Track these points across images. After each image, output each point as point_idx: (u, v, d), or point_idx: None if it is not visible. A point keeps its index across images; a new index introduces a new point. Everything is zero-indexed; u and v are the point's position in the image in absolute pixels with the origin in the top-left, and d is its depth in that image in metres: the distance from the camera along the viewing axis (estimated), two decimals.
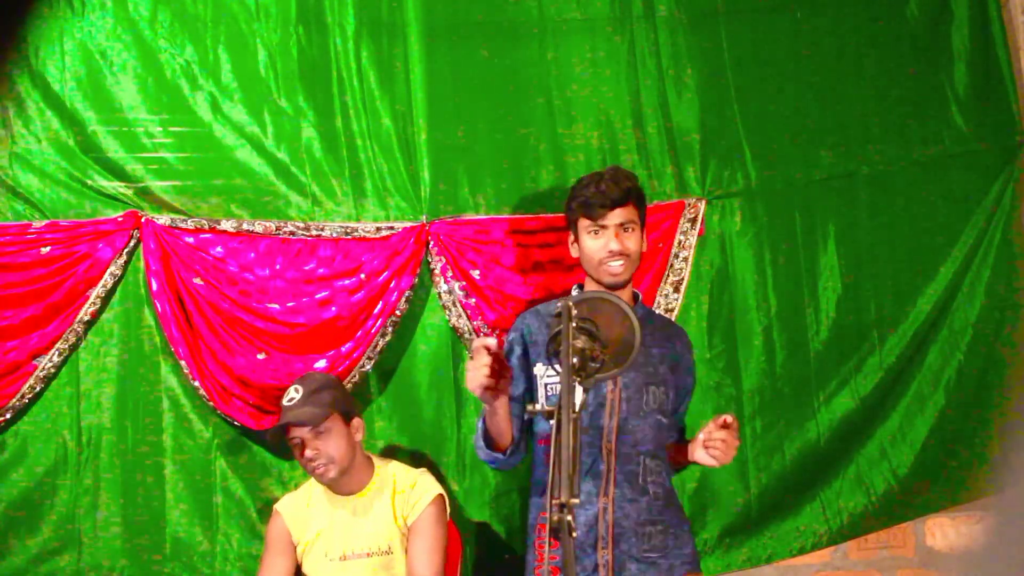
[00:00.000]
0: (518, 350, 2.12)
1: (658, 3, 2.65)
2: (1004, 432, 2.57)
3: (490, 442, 1.99)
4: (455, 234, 2.48)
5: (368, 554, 2.15)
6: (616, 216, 2.03)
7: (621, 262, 2.03)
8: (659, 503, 2.03)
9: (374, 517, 2.17)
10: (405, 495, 2.18)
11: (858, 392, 2.62)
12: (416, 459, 2.45)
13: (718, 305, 2.60)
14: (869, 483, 2.61)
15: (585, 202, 2.04)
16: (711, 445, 1.93)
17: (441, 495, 2.19)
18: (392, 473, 2.23)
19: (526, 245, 2.48)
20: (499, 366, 1.72)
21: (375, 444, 2.45)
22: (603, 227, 2.03)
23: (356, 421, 2.19)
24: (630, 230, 2.05)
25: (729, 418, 1.92)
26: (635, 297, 2.14)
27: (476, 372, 1.70)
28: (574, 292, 2.13)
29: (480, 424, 2.01)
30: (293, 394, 2.14)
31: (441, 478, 2.40)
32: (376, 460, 2.24)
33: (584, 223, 2.07)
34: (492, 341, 1.71)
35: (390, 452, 2.45)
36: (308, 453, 2.10)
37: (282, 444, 2.45)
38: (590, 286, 2.10)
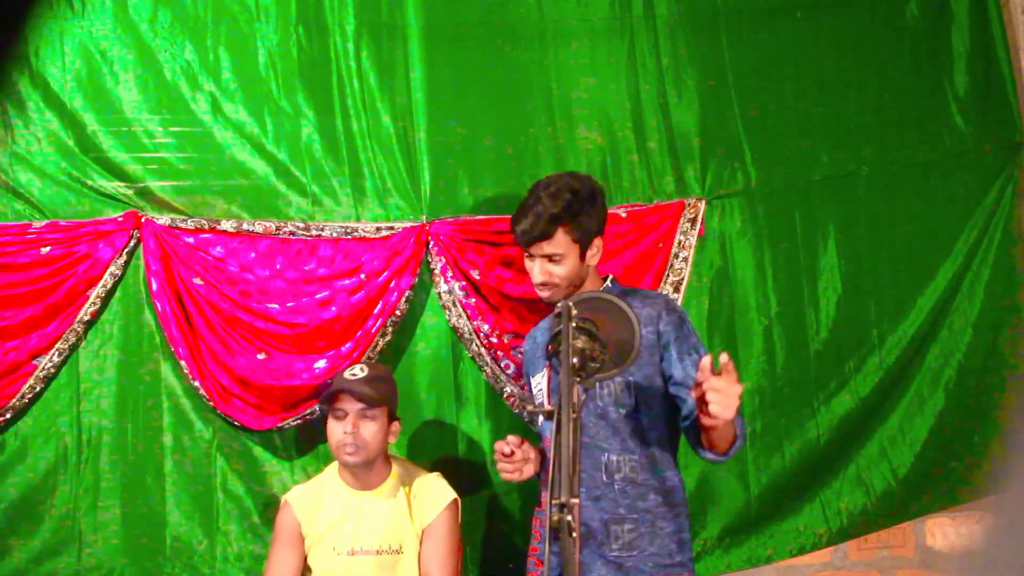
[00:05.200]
0: (524, 371, 2.21)
1: (658, 4, 2.65)
2: (1004, 432, 2.58)
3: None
4: (455, 234, 2.48)
5: (378, 551, 2.15)
6: (539, 249, 2.01)
7: (547, 292, 2.04)
8: (628, 501, 1.93)
9: (387, 516, 2.17)
10: (421, 498, 2.20)
11: (858, 392, 2.62)
12: (416, 459, 2.45)
13: (718, 305, 2.60)
14: (869, 483, 2.61)
15: (515, 233, 2.06)
16: (708, 400, 1.62)
17: (456, 500, 2.21)
18: (408, 474, 2.24)
19: None
20: (519, 459, 1.90)
21: None
22: (531, 257, 2.05)
23: (396, 424, 2.22)
24: (557, 260, 2.01)
25: (724, 358, 1.60)
26: (605, 280, 2.11)
27: (502, 466, 1.92)
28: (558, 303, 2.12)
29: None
30: (357, 371, 2.19)
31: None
32: (393, 460, 2.26)
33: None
34: (507, 448, 1.88)
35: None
36: (348, 428, 2.12)
37: (282, 439, 2.45)
38: None
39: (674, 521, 1.96)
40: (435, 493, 2.20)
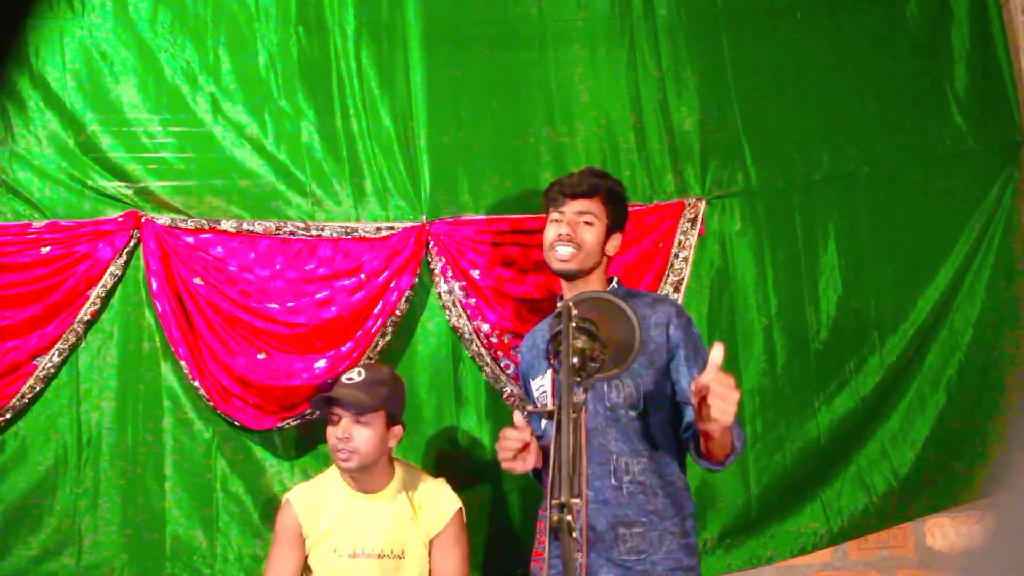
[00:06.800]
0: (522, 373, 2.18)
1: (658, 4, 2.66)
2: (1004, 432, 2.57)
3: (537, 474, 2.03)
4: (455, 234, 2.48)
5: (379, 555, 2.14)
6: (575, 205, 2.02)
7: (570, 249, 1.99)
8: (637, 504, 1.91)
9: (390, 519, 2.16)
10: (427, 506, 2.19)
11: (858, 392, 2.62)
12: (416, 460, 2.45)
13: (718, 305, 2.60)
14: (870, 483, 2.61)
15: (550, 190, 2.08)
16: (708, 404, 1.58)
17: (461, 508, 2.21)
18: (412, 479, 2.23)
19: (526, 245, 2.48)
20: (523, 445, 1.83)
21: None
22: (562, 214, 2.03)
23: (397, 428, 2.19)
24: (589, 223, 2.02)
25: (717, 352, 1.56)
26: (610, 281, 2.10)
27: (501, 454, 1.85)
28: (559, 303, 2.11)
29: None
30: (354, 375, 2.16)
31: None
32: (398, 464, 2.24)
33: (549, 214, 2.07)
34: (518, 423, 1.83)
35: None
36: (340, 434, 2.11)
37: (282, 439, 2.45)
38: (564, 290, 2.07)
39: (681, 524, 1.95)
40: (441, 501, 2.19)
